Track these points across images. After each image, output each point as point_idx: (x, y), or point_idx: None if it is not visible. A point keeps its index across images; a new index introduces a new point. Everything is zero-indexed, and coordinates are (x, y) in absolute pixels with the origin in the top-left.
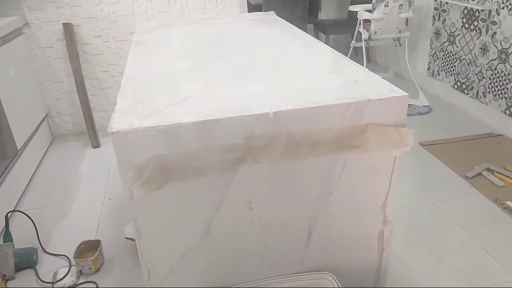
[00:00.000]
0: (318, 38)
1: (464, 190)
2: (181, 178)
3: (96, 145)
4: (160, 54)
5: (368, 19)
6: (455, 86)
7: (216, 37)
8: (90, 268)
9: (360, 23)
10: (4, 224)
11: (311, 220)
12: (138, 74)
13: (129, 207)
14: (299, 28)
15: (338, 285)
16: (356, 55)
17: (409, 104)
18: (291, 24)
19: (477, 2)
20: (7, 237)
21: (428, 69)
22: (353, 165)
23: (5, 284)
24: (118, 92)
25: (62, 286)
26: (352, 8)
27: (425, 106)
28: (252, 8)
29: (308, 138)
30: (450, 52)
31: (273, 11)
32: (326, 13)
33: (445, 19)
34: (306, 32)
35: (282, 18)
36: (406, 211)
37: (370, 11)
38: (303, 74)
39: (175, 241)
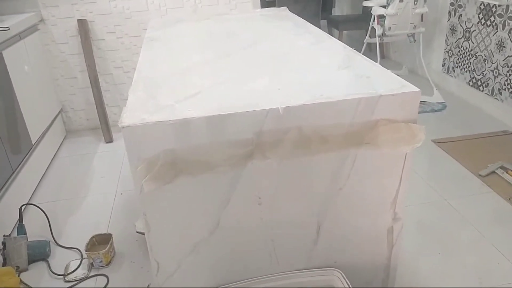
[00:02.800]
0: (331, 34)
1: (477, 188)
2: (191, 173)
3: (109, 140)
4: (172, 50)
5: (383, 15)
6: (470, 83)
7: (228, 33)
8: (101, 261)
9: (374, 19)
10: (18, 216)
11: (320, 216)
12: (149, 70)
13: (139, 200)
14: (312, 24)
15: (347, 282)
16: (370, 51)
17: (423, 101)
18: (303, 20)
19: None
20: (21, 229)
21: (443, 65)
22: (363, 161)
23: (18, 276)
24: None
25: (74, 278)
26: (366, 3)
27: (439, 103)
28: (266, 4)
29: (318, 133)
30: (466, 48)
31: (285, 7)
32: (340, 9)
33: (461, 15)
34: (320, 28)
35: (295, 14)
36: (418, 208)
37: (384, 6)
38: (314, 69)
39: (184, 235)
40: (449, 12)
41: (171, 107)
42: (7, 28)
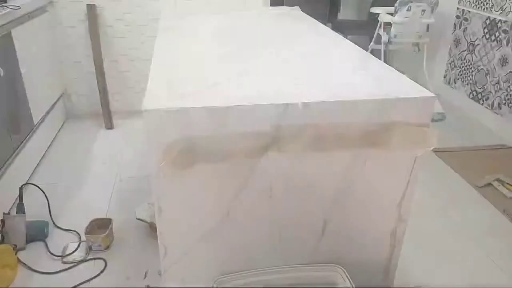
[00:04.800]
0: None
1: (474, 199)
2: (207, 161)
3: (110, 127)
4: (190, 41)
5: (389, 22)
6: (471, 96)
7: (244, 28)
8: (100, 245)
9: (380, 26)
10: (17, 195)
11: (327, 213)
12: (168, 58)
13: (153, 184)
14: None
15: (348, 279)
16: None
17: None
18: (316, 21)
19: (501, 13)
20: (20, 208)
21: (444, 76)
22: (375, 162)
23: (16, 254)
24: (141, 75)
25: (72, 260)
26: (374, 10)
27: (438, 113)
28: (275, 2)
29: (334, 131)
30: (469, 61)
31: (298, 7)
32: (345, 14)
33: (466, 28)
34: None
35: None
36: (414, 216)
37: (392, 14)
38: (332, 70)
39: (193, 222)
40: (455, 24)
41: (192, 95)
42: (18, 7)
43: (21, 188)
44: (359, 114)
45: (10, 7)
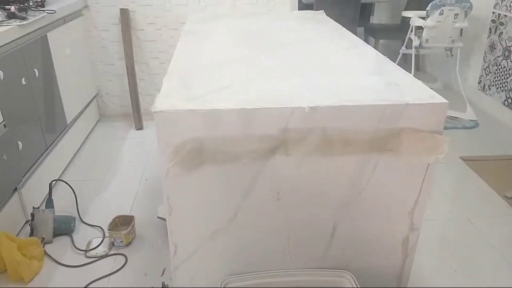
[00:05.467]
0: (367, 42)
1: (502, 209)
2: (215, 162)
3: (140, 127)
4: (208, 44)
5: (421, 26)
6: (506, 103)
7: (264, 32)
8: (122, 241)
9: (412, 30)
10: (47, 191)
11: (336, 218)
12: (185, 61)
13: (164, 184)
14: (349, 30)
15: (357, 285)
16: (405, 62)
17: (455, 117)
18: (339, 24)
19: None
20: (49, 203)
21: (479, 82)
22: (385, 168)
23: (43, 247)
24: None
25: (95, 254)
26: (406, 13)
27: (471, 120)
28: (304, 6)
29: (341, 136)
30: (504, 67)
31: (322, 10)
32: (378, 18)
33: (501, 33)
34: (356, 35)
35: (333, 18)
36: (439, 224)
37: (423, 18)
38: (345, 73)
39: (203, 222)
40: (490, 29)
41: (202, 97)
42: (54, 11)
43: (50, 184)
44: (367, 119)
45: (46, 11)
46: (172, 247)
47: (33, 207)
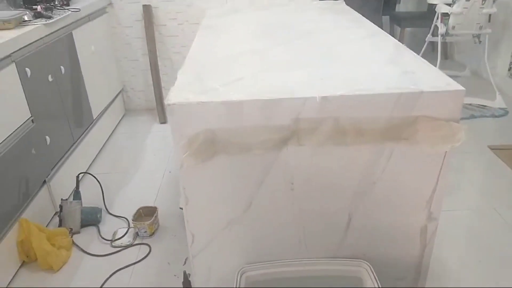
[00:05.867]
0: (393, 31)
1: None
2: (228, 152)
3: (164, 121)
4: (225, 38)
5: (447, 13)
6: None
7: (282, 24)
8: (145, 232)
9: (438, 17)
10: (75, 184)
11: (352, 208)
12: (201, 55)
13: (179, 174)
14: (373, 19)
15: (374, 275)
16: (432, 51)
17: (483, 105)
18: (358, 14)
19: None
20: (77, 195)
21: (509, 69)
22: (400, 157)
23: (71, 237)
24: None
25: (120, 244)
26: (431, 0)
27: (501, 108)
28: None
29: (354, 125)
30: None
31: (342, 0)
32: (405, 5)
33: None
34: (381, 24)
35: (356, 8)
36: (465, 213)
37: (449, 4)
38: (361, 62)
39: (218, 211)
40: None
41: (215, 90)
42: (78, 10)
43: (77, 177)
44: (381, 107)
45: (71, 9)
46: (189, 237)
47: (61, 199)
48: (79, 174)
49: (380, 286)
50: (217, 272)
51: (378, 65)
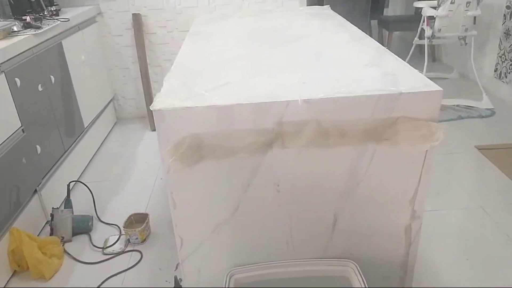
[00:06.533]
0: (381, 35)
1: None
2: (214, 157)
3: (155, 128)
4: (212, 44)
5: (433, 16)
6: None
7: (268, 30)
8: (137, 238)
9: (424, 20)
10: (66, 192)
11: (337, 209)
12: (187, 61)
13: (166, 179)
14: (360, 24)
15: (360, 274)
16: (420, 53)
17: (470, 106)
18: (343, 19)
19: None
20: (68, 204)
21: (495, 70)
22: (382, 157)
23: (63, 245)
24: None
25: (111, 251)
26: (417, 4)
27: (487, 109)
28: (311, 2)
29: (336, 127)
30: None
31: (328, 6)
32: (393, 9)
33: None
34: (370, 28)
35: (344, 13)
36: (452, 213)
37: (435, 7)
38: (343, 66)
39: (206, 215)
40: (504, 15)
41: (200, 95)
42: (67, 20)
43: (68, 185)
44: (361, 109)
45: (60, 19)
46: (178, 241)
47: (53, 208)
48: (70, 182)
49: (366, 286)
50: (206, 275)
51: (360, 67)
